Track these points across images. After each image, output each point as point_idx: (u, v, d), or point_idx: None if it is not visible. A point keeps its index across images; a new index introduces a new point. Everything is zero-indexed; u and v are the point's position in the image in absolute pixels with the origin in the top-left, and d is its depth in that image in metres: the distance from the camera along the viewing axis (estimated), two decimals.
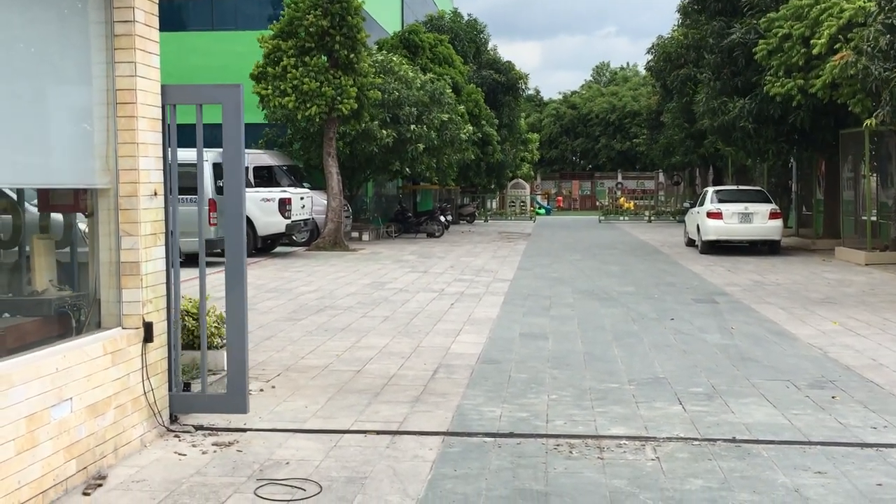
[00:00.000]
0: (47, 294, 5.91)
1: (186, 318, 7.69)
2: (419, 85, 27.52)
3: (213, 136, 6.51)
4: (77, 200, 6.10)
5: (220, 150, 6.38)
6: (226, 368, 6.77)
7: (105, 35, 5.88)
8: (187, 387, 6.71)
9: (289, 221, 21.86)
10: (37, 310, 5.89)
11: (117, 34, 5.90)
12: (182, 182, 6.54)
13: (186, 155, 7.35)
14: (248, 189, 20.08)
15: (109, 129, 5.92)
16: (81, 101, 5.85)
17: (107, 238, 5.98)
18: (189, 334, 7.72)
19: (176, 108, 6.45)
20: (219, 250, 17.07)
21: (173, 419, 6.50)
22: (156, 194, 6.17)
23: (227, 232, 6.40)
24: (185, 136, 6.47)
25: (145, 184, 6.03)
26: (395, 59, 28.05)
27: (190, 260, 7.66)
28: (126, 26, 5.89)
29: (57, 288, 6.01)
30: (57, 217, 6.38)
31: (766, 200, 22.92)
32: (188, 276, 8.08)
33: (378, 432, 6.47)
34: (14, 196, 6.09)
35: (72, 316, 5.90)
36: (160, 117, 6.26)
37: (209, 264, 6.85)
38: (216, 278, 8.07)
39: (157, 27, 6.24)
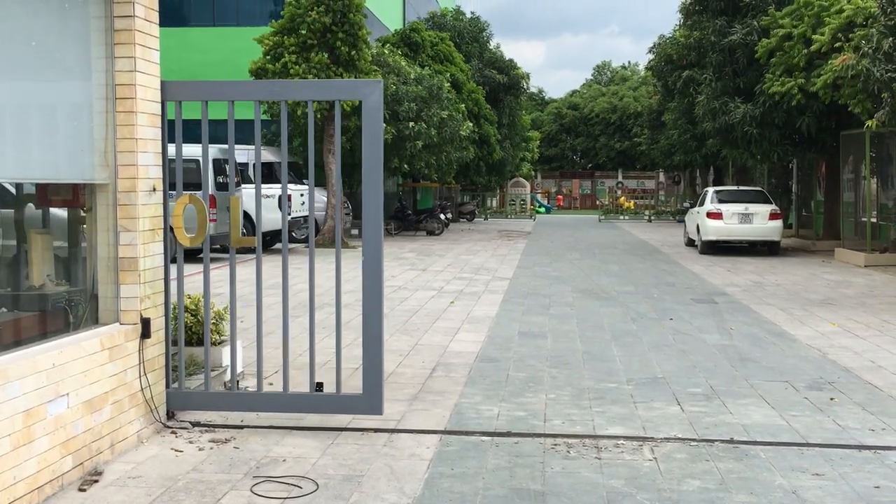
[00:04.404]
0: (44, 289, 5.88)
1: (185, 315, 7.64)
2: (414, 77, 27.36)
3: (214, 132, 6.49)
4: (75, 195, 6.08)
5: (220, 146, 6.36)
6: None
7: (105, 29, 5.87)
8: (319, 386, 6.61)
9: (288, 218, 21.88)
10: (33, 305, 5.86)
11: (117, 29, 5.89)
12: (186, 178, 6.50)
13: (189, 151, 7.33)
14: (247, 185, 20.11)
15: (108, 124, 5.91)
16: (80, 96, 5.83)
17: (105, 233, 5.97)
18: (187, 331, 7.68)
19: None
20: (217, 246, 17.12)
21: (170, 415, 6.49)
22: (155, 190, 6.16)
23: (366, 228, 6.43)
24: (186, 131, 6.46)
25: (144, 179, 6.02)
26: (385, 49, 27.89)
27: (188, 254, 7.60)
28: (126, 21, 5.88)
29: (54, 283, 5.98)
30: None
31: (767, 201, 22.90)
32: (188, 271, 8.06)
33: (375, 430, 6.46)
34: None
35: (69, 311, 5.88)
36: (160, 112, 6.25)
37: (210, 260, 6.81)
38: (216, 274, 8.03)
39: (157, 22, 6.23)
